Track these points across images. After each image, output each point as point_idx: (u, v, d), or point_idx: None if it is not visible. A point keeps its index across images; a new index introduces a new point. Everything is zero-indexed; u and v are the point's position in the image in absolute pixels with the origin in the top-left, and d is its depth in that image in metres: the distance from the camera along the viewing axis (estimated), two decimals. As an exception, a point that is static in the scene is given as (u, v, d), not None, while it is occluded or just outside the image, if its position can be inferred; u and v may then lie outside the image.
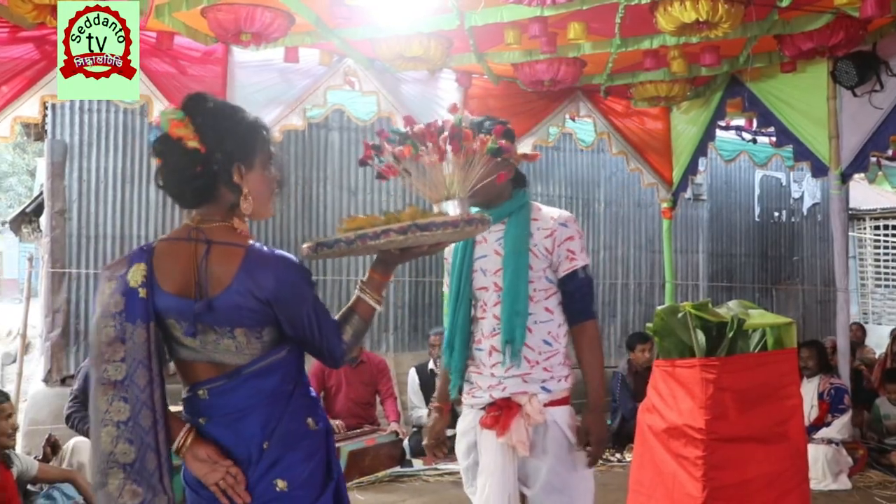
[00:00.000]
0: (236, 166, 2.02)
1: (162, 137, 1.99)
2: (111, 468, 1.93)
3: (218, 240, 2.01)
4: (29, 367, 7.98)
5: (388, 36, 5.54)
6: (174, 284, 2.00)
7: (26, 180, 25.36)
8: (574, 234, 2.77)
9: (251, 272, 1.96)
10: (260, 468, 2.01)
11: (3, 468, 3.93)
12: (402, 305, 8.33)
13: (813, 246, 11.76)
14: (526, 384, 2.71)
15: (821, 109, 6.25)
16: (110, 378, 1.95)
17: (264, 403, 2.02)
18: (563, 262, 2.74)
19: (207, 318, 1.97)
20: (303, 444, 2.05)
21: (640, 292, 9.92)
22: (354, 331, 2.12)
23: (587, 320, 2.78)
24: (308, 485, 2.04)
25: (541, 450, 2.71)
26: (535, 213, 2.81)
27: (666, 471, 3.87)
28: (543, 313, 2.75)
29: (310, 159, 7.99)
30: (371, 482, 5.61)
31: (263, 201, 2.11)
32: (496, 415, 2.70)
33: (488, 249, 2.83)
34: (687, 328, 3.90)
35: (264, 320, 2.00)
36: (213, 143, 1.98)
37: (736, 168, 10.67)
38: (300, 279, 2.02)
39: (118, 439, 1.93)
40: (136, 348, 1.96)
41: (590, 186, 9.64)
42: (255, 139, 2.08)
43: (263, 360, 2.02)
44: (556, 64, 6.09)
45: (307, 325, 2.02)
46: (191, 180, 1.99)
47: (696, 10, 4.61)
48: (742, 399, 3.82)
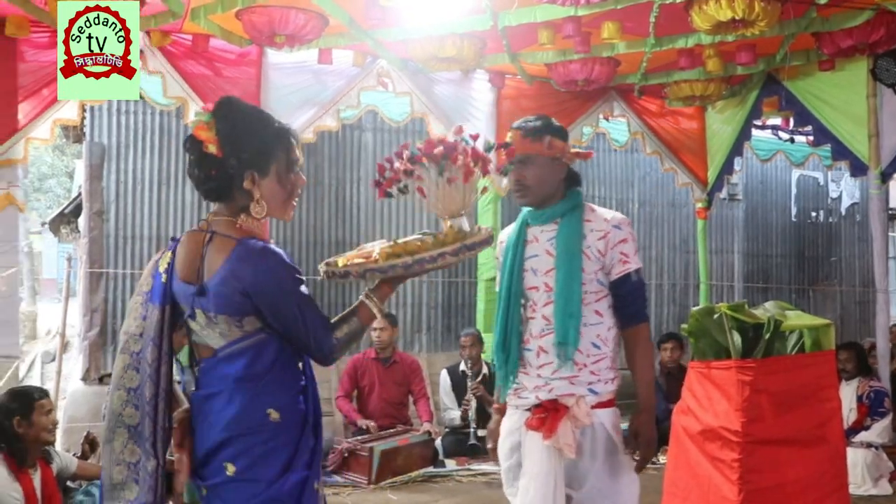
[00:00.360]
0: (249, 174, 2.13)
1: (190, 137, 2.14)
2: (118, 427, 2.18)
3: (219, 231, 2.14)
4: (67, 366, 8.10)
5: (421, 37, 5.55)
6: (184, 271, 2.16)
7: (65, 182, 25.76)
8: (627, 236, 2.73)
9: (234, 263, 2.07)
10: (214, 449, 2.11)
11: (43, 464, 3.99)
12: (435, 306, 8.33)
13: (851, 246, 11.57)
14: (573, 386, 2.68)
15: (860, 107, 6.16)
16: (129, 349, 2.19)
17: (230, 388, 2.11)
18: (616, 265, 2.71)
19: (202, 302, 2.10)
20: (259, 433, 2.09)
21: (674, 293, 9.84)
22: (350, 331, 2.18)
23: (639, 324, 2.75)
24: (258, 474, 2.08)
25: (588, 453, 2.68)
26: (588, 215, 2.77)
27: (701, 473, 3.83)
28: (593, 316, 2.72)
29: (343, 160, 8.03)
30: (404, 482, 5.62)
31: (277, 205, 2.21)
32: (542, 417, 2.66)
33: (540, 249, 2.79)
34: (723, 329, 3.86)
35: (243, 310, 2.07)
36: (230, 150, 2.10)
37: (772, 168, 10.54)
38: (282, 273, 2.09)
39: (127, 403, 2.17)
40: (151, 327, 2.17)
41: (623, 186, 9.58)
42: (274, 147, 2.18)
43: (233, 345, 2.11)
44: (590, 64, 6.07)
45: (291, 319, 2.08)
46: (205, 181, 2.15)
47: (733, 9, 4.57)
48: (779, 401, 3.77)
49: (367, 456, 5.56)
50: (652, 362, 2.78)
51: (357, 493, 5.37)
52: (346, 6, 5.21)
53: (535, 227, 2.83)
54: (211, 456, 2.12)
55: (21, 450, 3.83)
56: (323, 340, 2.12)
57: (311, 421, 2.19)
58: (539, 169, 2.75)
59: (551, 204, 2.79)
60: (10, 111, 5.14)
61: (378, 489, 5.46)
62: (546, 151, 2.75)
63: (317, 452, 2.20)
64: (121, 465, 2.17)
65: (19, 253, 6.86)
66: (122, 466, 2.17)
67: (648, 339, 2.78)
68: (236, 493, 2.10)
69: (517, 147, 2.77)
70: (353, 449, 5.66)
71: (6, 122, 5.10)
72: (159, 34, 5.56)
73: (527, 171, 2.76)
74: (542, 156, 2.75)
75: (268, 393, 2.11)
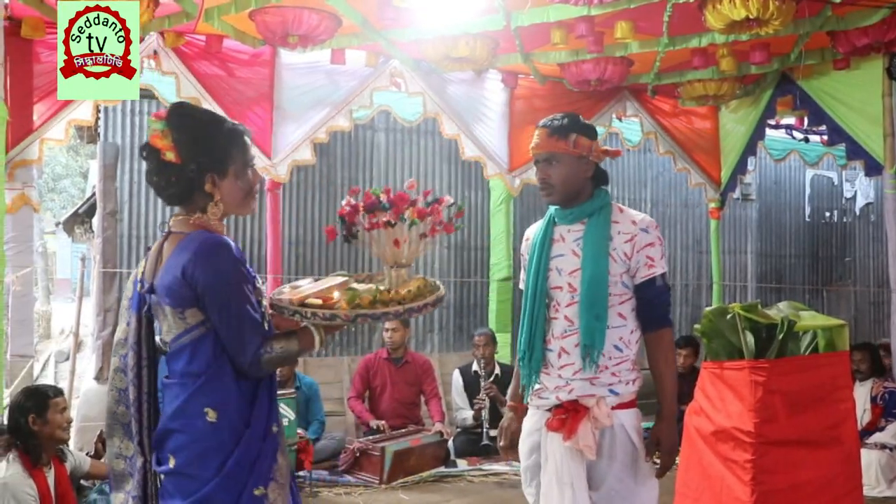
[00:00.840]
0: (209, 177, 2.19)
1: (146, 145, 2.19)
2: (115, 424, 2.29)
3: (174, 229, 2.23)
4: (81, 365, 8.14)
5: (434, 37, 5.55)
6: (148, 274, 2.25)
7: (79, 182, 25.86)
8: (654, 240, 2.72)
9: (180, 251, 2.14)
10: (162, 437, 2.19)
11: (57, 463, 4.02)
12: (448, 306, 8.33)
13: (866, 246, 11.51)
14: (593, 387, 2.67)
15: (875, 107, 6.11)
16: (118, 352, 2.28)
17: (178, 382, 2.19)
18: (642, 268, 2.68)
19: (153, 299, 2.20)
20: (194, 429, 2.14)
21: (687, 293, 9.81)
22: (285, 349, 2.18)
23: (662, 328, 2.73)
24: (194, 471, 2.13)
25: (606, 454, 2.66)
26: (616, 216, 2.74)
27: (713, 474, 3.82)
28: (617, 318, 2.69)
29: (356, 160, 8.04)
30: (415, 482, 5.62)
31: (236, 204, 2.28)
32: (563, 417, 2.65)
33: (566, 249, 2.76)
34: (736, 330, 3.84)
35: (186, 300, 2.12)
36: (188, 156, 2.16)
37: (786, 167, 10.49)
38: (227, 265, 2.13)
39: (118, 402, 2.27)
40: (131, 333, 2.25)
41: (636, 186, 9.56)
42: (230, 149, 2.23)
43: (177, 339, 2.17)
44: (603, 63, 6.05)
45: (226, 313, 2.11)
46: (166, 187, 2.21)
47: (747, 8, 4.55)
48: (792, 402, 3.75)
49: (378, 456, 5.57)
50: (675, 368, 2.76)
51: (369, 493, 5.38)
52: (359, 6, 5.22)
53: (562, 226, 2.80)
54: (160, 443, 2.20)
55: (36, 447, 3.86)
56: (250, 344, 2.12)
57: (257, 426, 2.19)
58: (564, 167, 2.72)
59: (578, 203, 2.76)
60: (25, 112, 5.17)
61: (390, 489, 5.46)
62: (572, 150, 2.71)
63: (263, 457, 2.19)
64: (120, 459, 2.28)
65: (34, 253, 6.92)
66: (120, 460, 2.28)
67: (671, 343, 2.75)
68: (176, 487, 2.16)
69: (542, 145, 2.75)
70: (364, 449, 5.67)
71: (22, 123, 5.12)
72: (173, 35, 5.58)
73: (552, 170, 2.74)
74: (568, 154, 2.71)
75: (206, 392, 2.14)
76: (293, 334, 2.21)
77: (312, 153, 6.19)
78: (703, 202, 8.82)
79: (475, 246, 8.41)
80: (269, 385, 2.28)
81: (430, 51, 5.69)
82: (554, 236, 2.80)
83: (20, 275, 5.88)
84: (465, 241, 8.40)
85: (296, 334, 2.21)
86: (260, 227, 7.22)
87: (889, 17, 5.12)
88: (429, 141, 8.27)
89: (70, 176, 26.95)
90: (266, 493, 2.17)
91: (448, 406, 6.96)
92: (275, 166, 6.08)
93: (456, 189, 8.37)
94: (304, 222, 7.71)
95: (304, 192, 7.74)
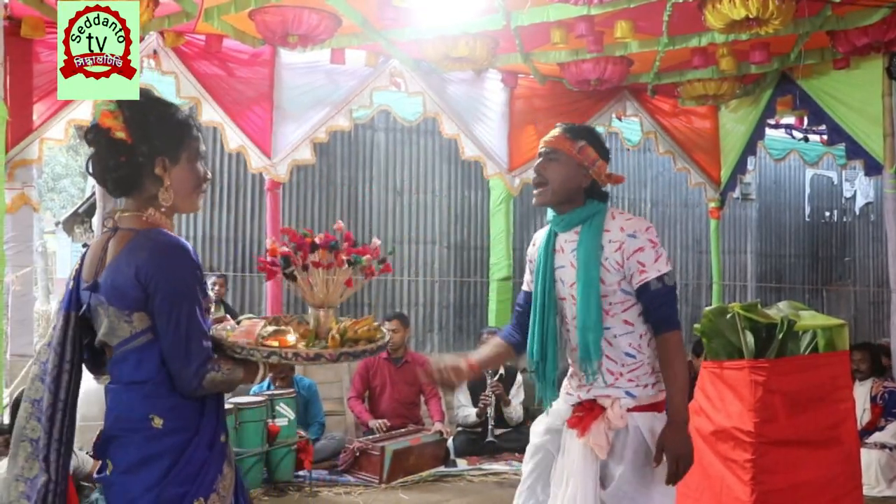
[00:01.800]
0: (160, 160, 2.08)
1: (93, 126, 2.10)
2: (22, 440, 2.09)
3: (122, 226, 2.10)
4: (82, 365, 8.14)
5: (434, 37, 5.56)
6: (86, 273, 2.12)
7: (79, 182, 25.84)
8: (644, 244, 2.63)
9: (132, 251, 2.02)
10: (103, 443, 2.08)
11: (57, 462, 4.00)
12: (447, 305, 8.34)
13: (866, 246, 11.52)
14: (611, 388, 2.66)
15: (875, 106, 6.12)
16: (39, 359, 2.14)
17: (121, 387, 2.06)
18: (635, 274, 2.63)
19: (95, 298, 2.06)
20: (136, 436, 2.02)
21: (686, 293, 9.82)
22: (230, 373, 2.06)
23: (667, 332, 2.65)
24: (132, 479, 2.01)
25: (618, 455, 2.64)
26: (607, 223, 2.69)
27: (713, 474, 3.82)
28: (622, 326, 2.66)
29: (355, 160, 8.05)
30: (415, 481, 5.62)
31: (186, 194, 2.16)
32: (580, 415, 2.66)
33: (565, 260, 2.75)
34: (735, 329, 3.85)
35: (134, 303, 2.00)
36: (139, 136, 2.05)
37: (785, 167, 10.50)
38: (184, 270, 2.03)
39: (31, 416, 2.10)
40: (56, 334, 2.10)
41: (636, 186, 9.57)
42: (182, 135, 2.14)
43: (123, 345, 2.04)
44: (603, 63, 6.05)
45: (174, 323, 1.99)
46: (115, 169, 2.08)
47: (747, 7, 4.55)
48: (792, 402, 3.76)
49: (378, 455, 5.57)
50: (684, 372, 2.66)
51: (368, 493, 5.38)
52: (358, 6, 5.22)
53: (561, 236, 2.79)
54: (101, 449, 2.08)
55: None
56: (196, 356, 2.00)
57: (205, 433, 2.08)
58: (561, 167, 2.71)
59: (568, 210, 2.75)
60: (25, 112, 5.17)
61: (389, 489, 5.46)
62: (574, 154, 2.71)
63: (208, 468, 2.07)
64: (19, 482, 2.07)
65: (34, 252, 6.89)
66: (20, 482, 2.07)
67: (679, 347, 2.67)
68: (113, 494, 2.06)
69: (551, 140, 2.75)
70: (364, 448, 5.66)
71: (21, 123, 5.12)
72: (173, 35, 5.58)
73: (549, 165, 2.72)
74: (569, 155, 2.71)
75: (153, 397, 2.02)
76: (241, 362, 2.09)
77: (312, 153, 6.19)
78: (702, 202, 8.83)
79: (475, 245, 8.42)
80: (218, 394, 2.14)
81: (429, 50, 5.69)
82: (555, 246, 2.79)
83: (20, 274, 5.87)
84: (465, 241, 8.41)
85: (242, 363, 2.09)
86: (260, 226, 7.23)
87: (889, 17, 5.12)
88: (429, 140, 8.27)
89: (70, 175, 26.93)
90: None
91: (448, 405, 6.96)
92: (274, 166, 6.08)
93: (456, 189, 8.38)
94: (303, 222, 7.71)
95: (303, 192, 7.75)
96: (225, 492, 2.11)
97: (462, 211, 8.41)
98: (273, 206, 6.48)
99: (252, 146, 6.00)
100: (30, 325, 6.26)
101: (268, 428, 5.36)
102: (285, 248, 2.31)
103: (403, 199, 8.25)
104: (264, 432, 5.32)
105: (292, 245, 2.32)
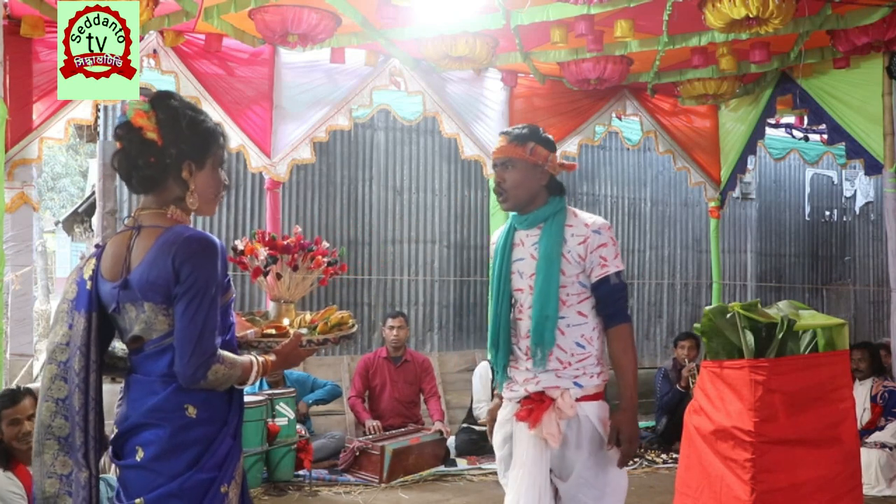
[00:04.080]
0: (187, 164, 2.16)
1: (125, 124, 2.14)
2: (48, 439, 2.16)
3: (146, 224, 2.16)
4: (81, 364, 8.14)
5: (433, 36, 5.55)
6: (109, 272, 2.17)
7: (79, 181, 25.86)
8: (607, 241, 2.83)
9: (165, 245, 2.07)
10: (130, 430, 2.14)
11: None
12: (447, 305, 8.33)
13: (866, 245, 11.50)
14: (559, 379, 2.80)
15: (875, 106, 6.12)
16: (56, 359, 2.17)
17: (155, 380, 2.13)
18: (596, 268, 2.81)
19: (127, 295, 2.11)
20: (171, 424, 2.10)
21: (686, 292, 9.80)
22: (232, 367, 2.13)
23: (620, 324, 2.84)
24: (162, 466, 2.09)
25: (573, 444, 2.78)
26: (570, 220, 2.87)
27: (713, 473, 3.82)
28: (576, 317, 2.83)
29: (355, 159, 8.03)
30: (415, 481, 5.63)
31: (208, 199, 2.25)
32: (530, 408, 2.78)
33: (525, 253, 2.91)
34: (735, 329, 3.85)
35: (170, 296, 2.07)
36: (170, 139, 2.13)
37: (785, 166, 10.49)
38: (213, 270, 2.09)
39: (56, 415, 2.15)
40: (77, 335, 2.15)
41: (636, 185, 9.55)
42: (210, 142, 2.22)
43: (160, 340, 2.12)
44: (603, 62, 6.06)
45: (191, 314, 2.05)
46: (142, 168, 2.14)
47: (747, 6, 4.55)
48: (792, 401, 3.76)
49: (378, 455, 5.57)
50: (633, 361, 2.85)
51: (368, 492, 5.38)
52: (358, 5, 5.22)
53: (521, 231, 2.95)
54: (127, 436, 2.14)
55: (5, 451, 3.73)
56: (207, 347, 2.06)
57: (232, 423, 2.19)
58: (518, 173, 2.87)
59: (534, 209, 2.90)
60: (25, 111, 5.17)
61: (389, 488, 5.47)
62: (528, 157, 2.86)
63: (232, 456, 2.18)
64: (52, 478, 2.16)
65: (33, 252, 6.90)
66: (53, 479, 2.16)
67: (629, 338, 2.86)
68: (139, 480, 2.11)
69: (501, 150, 2.90)
70: (364, 448, 5.67)
71: (21, 122, 5.12)
72: (173, 34, 5.58)
73: (506, 174, 2.88)
74: (524, 160, 2.86)
75: (187, 389, 2.10)
76: (238, 361, 2.17)
77: (312, 152, 6.19)
78: (702, 201, 8.83)
79: (475, 245, 8.41)
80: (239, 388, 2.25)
81: (429, 49, 5.69)
82: (514, 241, 2.96)
83: (20, 274, 5.88)
84: (465, 241, 8.40)
85: (241, 362, 2.17)
86: (259, 225, 7.22)
87: (889, 16, 5.12)
88: (428, 140, 8.26)
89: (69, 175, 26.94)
90: (228, 492, 2.16)
91: (447, 405, 6.97)
92: (274, 165, 6.08)
93: (456, 188, 8.37)
94: (303, 221, 7.70)
95: (303, 192, 7.74)
96: (240, 479, 2.22)
97: (462, 210, 8.40)
98: (273, 205, 6.49)
99: (252, 145, 6.00)
100: (29, 325, 6.27)
101: (268, 427, 5.36)
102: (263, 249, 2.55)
103: (403, 198, 8.24)
104: (264, 432, 5.33)
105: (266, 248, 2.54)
